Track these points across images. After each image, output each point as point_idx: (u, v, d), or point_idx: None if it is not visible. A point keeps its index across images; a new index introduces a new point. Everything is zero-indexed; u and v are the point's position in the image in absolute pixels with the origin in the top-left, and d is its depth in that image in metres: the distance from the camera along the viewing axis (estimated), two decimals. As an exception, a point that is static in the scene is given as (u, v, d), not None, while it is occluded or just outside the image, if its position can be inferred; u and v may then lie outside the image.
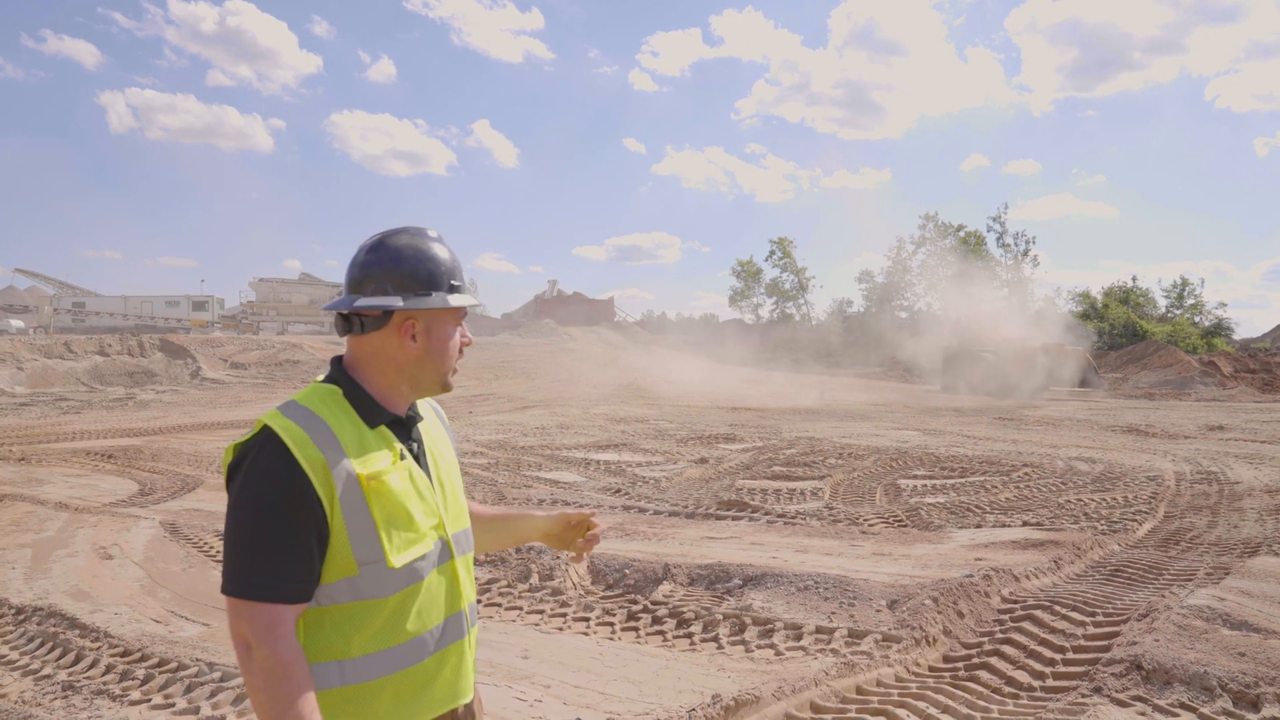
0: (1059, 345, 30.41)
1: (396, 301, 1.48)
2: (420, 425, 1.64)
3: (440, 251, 1.55)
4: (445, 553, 1.55)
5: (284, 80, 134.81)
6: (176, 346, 33.79)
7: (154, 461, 11.81)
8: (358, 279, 1.51)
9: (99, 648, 4.53)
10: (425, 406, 1.73)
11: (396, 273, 1.49)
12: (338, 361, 1.57)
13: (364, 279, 1.51)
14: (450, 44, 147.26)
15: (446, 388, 1.60)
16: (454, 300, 1.53)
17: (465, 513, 1.67)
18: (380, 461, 1.46)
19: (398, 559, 1.43)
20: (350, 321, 1.51)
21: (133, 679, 4.12)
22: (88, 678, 4.21)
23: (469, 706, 1.60)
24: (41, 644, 4.68)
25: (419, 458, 1.58)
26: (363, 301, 1.49)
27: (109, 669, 4.27)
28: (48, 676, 4.26)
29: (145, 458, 12.14)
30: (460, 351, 1.61)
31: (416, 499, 1.50)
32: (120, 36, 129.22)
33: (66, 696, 3.98)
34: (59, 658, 4.50)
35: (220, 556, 6.50)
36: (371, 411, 1.51)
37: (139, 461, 11.81)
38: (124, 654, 4.43)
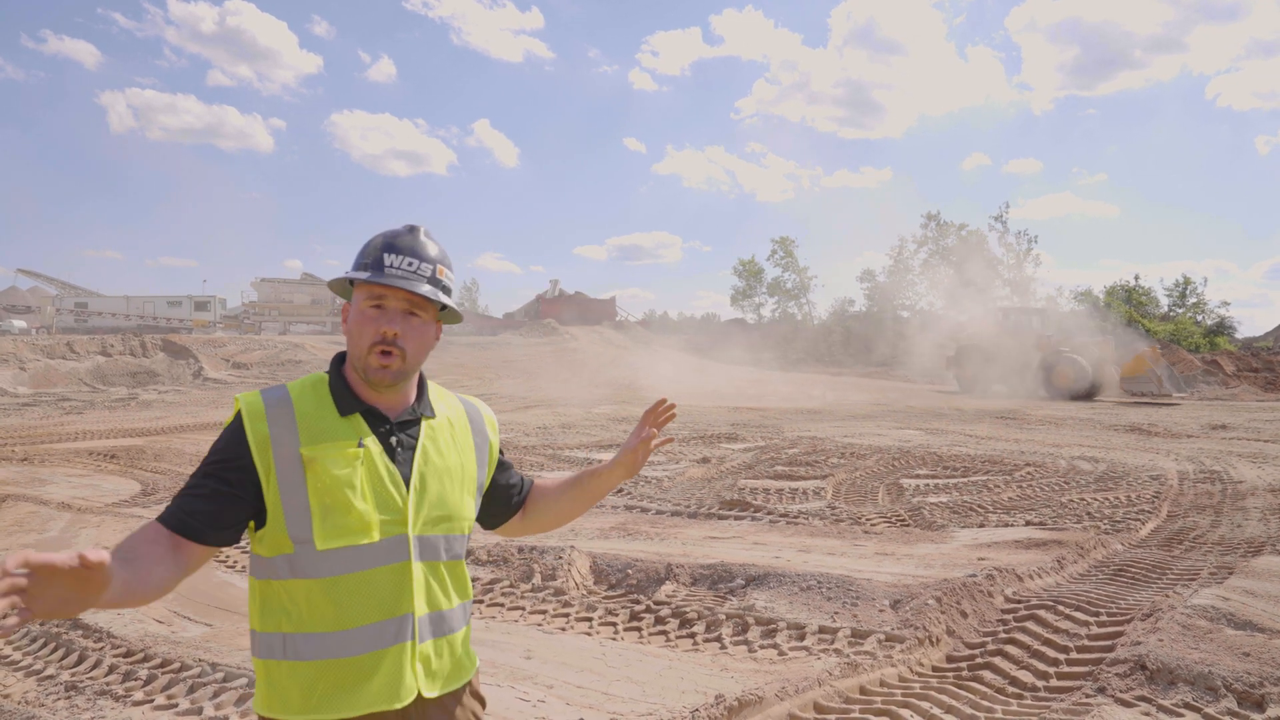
0: (1153, 348, 26.84)
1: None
2: (430, 423, 1.62)
3: (379, 237, 1.56)
4: (399, 551, 1.50)
5: (284, 80, 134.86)
6: (179, 346, 33.84)
7: (156, 462, 11.82)
8: None
9: (102, 648, 4.53)
10: (455, 406, 1.71)
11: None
12: (342, 354, 1.62)
13: None
14: (450, 44, 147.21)
15: (369, 378, 1.54)
16: (345, 275, 1.56)
17: (456, 518, 1.60)
18: (329, 446, 1.48)
19: (324, 543, 1.45)
20: None
21: (136, 679, 4.12)
22: (90, 678, 4.21)
23: (427, 713, 1.53)
24: (44, 644, 4.68)
25: (394, 452, 1.54)
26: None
27: (112, 669, 4.27)
28: (50, 677, 4.26)
29: (148, 458, 12.14)
30: (385, 341, 1.52)
31: (367, 490, 1.48)
32: (120, 37, 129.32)
33: (70, 697, 3.98)
34: (61, 658, 4.50)
35: (221, 557, 6.51)
36: (344, 400, 1.55)
37: (141, 462, 11.82)
38: (127, 654, 4.43)
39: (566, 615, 5.03)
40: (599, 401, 23.42)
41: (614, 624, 4.89)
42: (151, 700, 3.89)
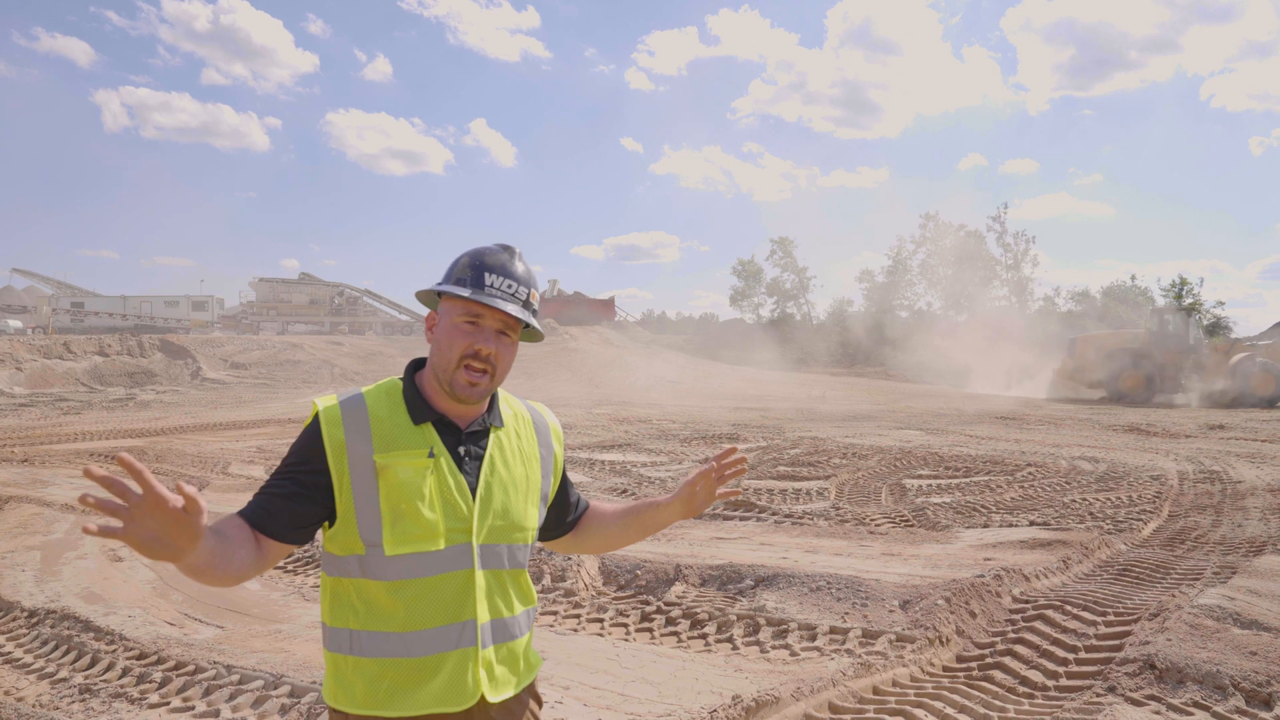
0: None
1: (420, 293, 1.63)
2: (499, 433, 1.65)
3: (478, 251, 1.59)
4: (463, 559, 1.54)
5: (279, 79, 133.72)
6: (176, 347, 33.81)
7: (158, 463, 11.80)
8: None
9: (114, 650, 4.54)
10: (523, 417, 1.73)
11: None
12: (417, 361, 1.66)
13: None
14: (446, 43, 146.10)
15: (454, 392, 1.57)
16: (436, 286, 1.58)
17: (520, 529, 1.63)
18: (401, 455, 1.52)
19: (393, 549, 1.49)
20: None
21: (150, 682, 4.13)
22: (104, 681, 4.21)
23: (486, 712, 1.56)
24: (56, 647, 4.69)
25: (462, 462, 1.58)
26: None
27: (125, 672, 4.28)
28: (64, 680, 4.27)
29: (149, 459, 12.13)
30: (479, 358, 1.55)
31: (435, 499, 1.52)
32: (114, 35, 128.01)
33: (84, 700, 3.99)
34: (74, 661, 4.51)
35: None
36: (417, 408, 1.58)
37: (143, 463, 11.80)
38: (140, 657, 4.44)
39: (578, 616, 5.05)
40: (599, 402, 23.44)
41: (625, 625, 4.91)
42: (167, 703, 3.90)
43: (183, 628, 5.01)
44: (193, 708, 3.83)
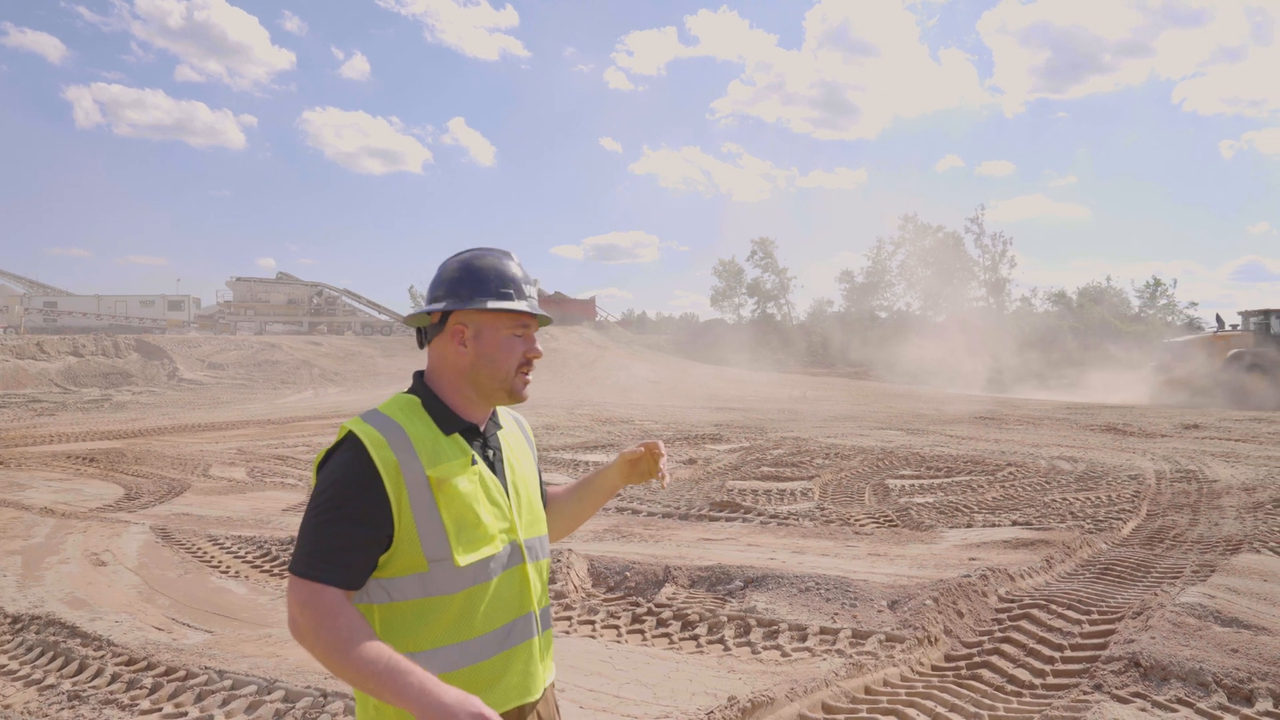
0: None
1: (439, 305, 1.60)
2: (500, 434, 1.71)
3: (493, 262, 1.63)
4: (515, 556, 1.61)
5: (255, 76, 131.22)
6: (152, 347, 33.38)
7: (137, 465, 11.66)
8: (427, 294, 1.65)
9: (102, 656, 4.49)
10: (508, 417, 1.80)
11: (447, 280, 1.62)
12: (419, 375, 1.67)
13: (429, 291, 1.64)
14: (424, 41, 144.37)
15: (514, 396, 1.65)
16: (493, 304, 1.59)
17: (542, 520, 1.73)
18: (451, 466, 1.54)
19: (464, 559, 1.51)
20: (421, 333, 1.65)
21: (140, 688, 4.10)
22: (93, 687, 4.17)
23: (538, 705, 1.63)
24: (42, 653, 4.63)
25: (494, 464, 1.64)
26: (420, 309, 1.63)
27: (115, 678, 4.24)
28: (51, 686, 4.22)
29: (128, 461, 11.98)
30: (529, 363, 1.65)
31: (486, 503, 1.57)
32: (85, 31, 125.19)
33: (74, 706, 3.95)
34: (61, 667, 4.46)
35: (215, 563, 6.48)
36: (446, 419, 1.60)
37: (121, 465, 11.66)
38: (129, 662, 4.40)
39: (569, 618, 5.06)
40: (581, 403, 23.44)
41: (617, 627, 4.94)
42: (159, 709, 3.87)
43: (171, 633, 4.97)
44: (185, 713, 3.81)
